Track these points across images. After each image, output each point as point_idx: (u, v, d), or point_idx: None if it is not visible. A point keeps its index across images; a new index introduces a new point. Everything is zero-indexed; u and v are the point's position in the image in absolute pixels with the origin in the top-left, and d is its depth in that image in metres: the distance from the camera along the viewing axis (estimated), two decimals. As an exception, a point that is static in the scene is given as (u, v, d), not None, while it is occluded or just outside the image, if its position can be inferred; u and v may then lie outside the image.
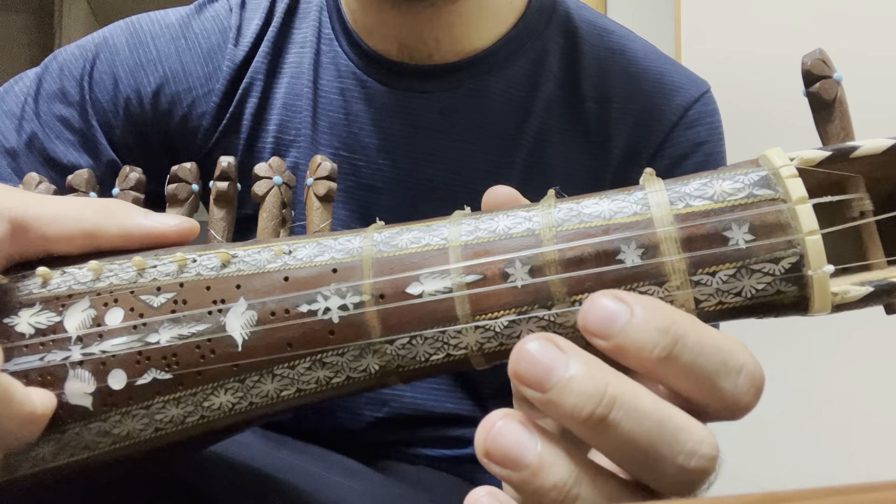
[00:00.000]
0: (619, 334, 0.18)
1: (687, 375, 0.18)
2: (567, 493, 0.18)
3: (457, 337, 0.22)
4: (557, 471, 0.18)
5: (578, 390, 0.18)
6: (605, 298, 0.19)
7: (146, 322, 0.24)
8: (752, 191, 0.20)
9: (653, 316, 0.18)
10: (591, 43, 0.51)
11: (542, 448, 0.18)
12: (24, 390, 0.22)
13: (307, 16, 0.51)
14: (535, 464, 0.18)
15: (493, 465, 0.18)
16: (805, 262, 0.20)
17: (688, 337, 0.18)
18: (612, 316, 0.19)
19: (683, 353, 0.18)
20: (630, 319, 0.18)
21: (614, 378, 0.18)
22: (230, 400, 0.23)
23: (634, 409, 0.18)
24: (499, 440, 0.18)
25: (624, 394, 0.18)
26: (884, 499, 0.15)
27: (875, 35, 0.91)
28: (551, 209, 0.22)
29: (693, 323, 0.19)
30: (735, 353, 0.19)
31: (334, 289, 0.23)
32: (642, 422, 0.17)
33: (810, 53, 0.22)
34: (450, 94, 0.49)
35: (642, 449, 0.18)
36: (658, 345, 0.18)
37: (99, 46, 0.49)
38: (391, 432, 0.50)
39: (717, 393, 0.19)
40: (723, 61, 1.06)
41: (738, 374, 0.19)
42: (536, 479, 0.18)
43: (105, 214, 0.26)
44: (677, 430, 0.18)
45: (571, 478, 0.18)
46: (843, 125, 0.22)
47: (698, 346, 0.18)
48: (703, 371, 0.18)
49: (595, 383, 0.18)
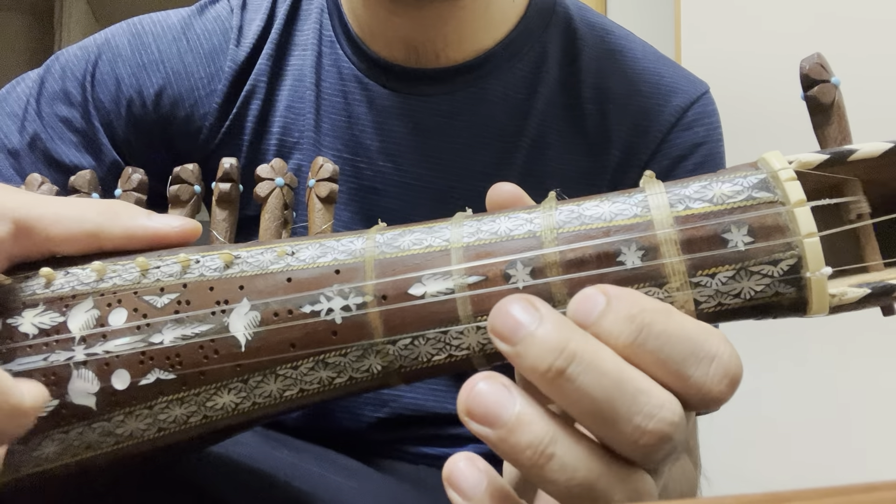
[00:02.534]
0: (595, 323, 0.19)
1: (655, 362, 0.19)
2: (542, 452, 0.18)
3: (459, 338, 0.22)
4: (533, 429, 0.19)
5: (542, 343, 0.18)
6: (588, 289, 0.20)
7: (150, 322, 0.24)
8: (751, 193, 0.20)
9: (622, 305, 0.19)
10: (591, 44, 0.51)
11: (520, 407, 0.19)
12: (11, 382, 0.22)
13: (308, 17, 0.51)
14: (512, 422, 0.19)
15: (473, 423, 0.19)
16: (803, 264, 0.20)
17: (654, 325, 0.19)
18: (591, 306, 0.19)
19: (648, 341, 0.19)
20: (605, 309, 0.19)
21: (578, 336, 0.19)
22: (233, 400, 0.23)
23: (594, 367, 0.18)
24: (479, 399, 0.19)
25: (585, 350, 0.18)
26: (884, 499, 0.15)
27: (874, 38, 0.91)
28: (552, 211, 0.22)
29: (663, 312, 0.19)
30: (707, 343, 0.19)
31: (337, 290, 0.23)
32: (601, 379, 0.18)
33: (808, 57, 0.23)
34: (450, 97, 0.49)
35: (600, 405, 0.18)
36: (624, 332, 0.19)
37: (101, 47, 0.49)
38: (391, 432, 0.50)
39: (687, 381, 0.19)
40: (722, 62, 1.06)
41: (709, 363, 0.19)
42: (513, 436, 0.18)
43: (108, 215, 0.26)
44: (637, 391, 0.18)
45: (547, 437, 0.18)
46: (840, 129, 0.22)
47: (664, 335, 0.19)
48: (669, 358, 0.19)
49: (558, 337, 0.19)
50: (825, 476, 0.92)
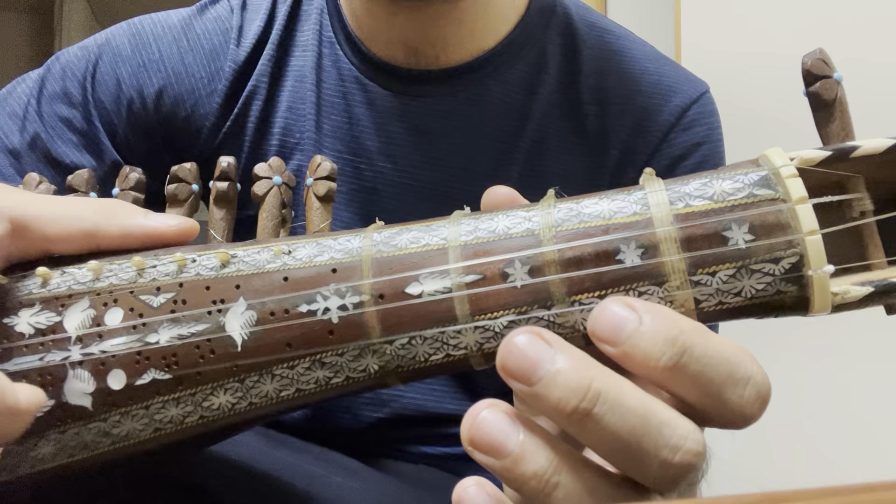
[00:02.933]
0: (627, 342, 0.19)
1: (693, 385, 0.19)
2: (547, 482, 0.18)
3: (456, 337, 0.22)
4: (538, 459, 0.18)
5: (564, 384, 0.18)
6: (614, 305, 0.19)
7: (146, 322, 0.24)
8: (752, 191, 0.20)
9: (661, 324, 0.19)
10: (590, 44, 0.51)
11: (524, 437, 0.19)
12: (7, 383, 0.22)
13: (308, 18, 0.51)
14: (516, 452, 0.18)
15: (477, 453, 0.19)
16: (805, 262, 0.20)
17: (696, 347, 0.18)
18: (621, 323, 0.19)
19: (690, 364, 0.18)
20: (638, 327, 0.19)
21: (599, 373, 0.18)
22: (229, 400, 0.23)
23: (619, 404, 0.18)
24: (483, 429, 0.19)
25: (609, 388, 0.18)
26: (884, 499, 0.15)
27: (875, 35, 0.91)
28: (551, 209, 0.22)
29: (702, 333, 0.19)
30: (742, 365, 0.19)
31: (334, 289, 0.23)
32: (626, 416, 0.18)
33: (810, 53, 0.22)
34: (450, 98, 0.49)
35: (626, 443, 0.18)
36: (665, 354, 0.18)
37: (101, 47, 0.49)
38: (391, 432, 0.50)
39: (723, 404, 0.19)
40: (723, 62, 1.06)
41: (745, 386, 0.19)
42: (518, 467, 0.18)
43: (105, 214, 0.26)
44: (661, 424, 0.18)
45: (552, 466, 0.18)
46: (843, 125, 0.22)
47: (706, 357, 0.18)
48: (709, 382, 0.18)
49: (580, 377, 0.18)
50: (825, 476, 0.92)
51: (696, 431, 0.18)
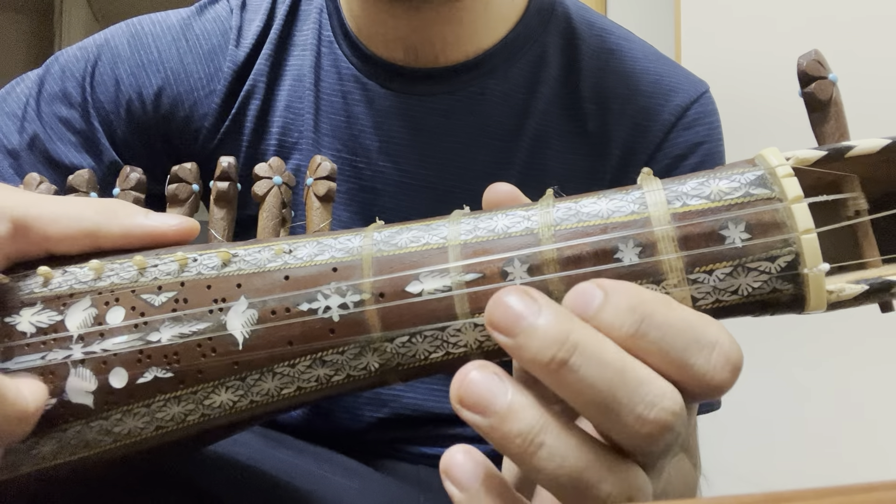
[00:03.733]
0: (594, 317, 0.19)
1: (658, 352, 0.19)
2: (532, 441, 0.19)
3: (456, 335, 0.22)
4: (524, 418, 0.19)
5: (543, 335, 0.19)
6: (584, 284, 0.20)
7: (147, 321, 0.24)
8: (749, 190, 0.20)
9: (623, 297, 0.19)
10: (590, 44, 0.51)
11: (512, 396, 0.19)
12: (16, 389, 0.22)
13: (308, 18, 0.51)
14: (503, 410, 0.19)
15: (465, 411, 0.19)
16: (801, 261, 0.20)
17: (655, 315, 0.19)
18: (589, 299, 0.20)
19: (650, 331, 0.19)
20: (603, 302, 0.19)
21: (579, 327, 0.19)
22: (231, 398, 0.23)
23: (596, 356, 0.18)
24: (472, 387, 0.19)
25: (587, 341, 0.19)
26: (884, 499, 0.15)
27: (872, 36, 0.91)
28: (550, 208, 0.22)
29: (663, 302, 0.19)
30: (706, 331, 0.19)
31: (334, 287, 0.23)
32: (603, 369, 0.18)
33: (806, 54, 0.23)
34: (450, 97, 0.49)
35: (603, 395, 0.18)
36: (626, 322, 0.19)
37: (100, 48, 0.49)
38: (391, 432, 0.50)
39: (689, 370, 0.19)
40: (722, 62, 1.06)
41: (710, 351, 0.19)
42: (504, 425, 0.19)
43: (106, 214, 0.26)
44: (639, 381, 0.19)
45: (537, 426, 0.19)
46: (838, 125, 0.22)
47: (666, 325, 0.19)
48: (672, 347, 0.19)
49: (559, 329, 0.19)
50: (825, 476, 0.92)
51: (673, 392, 0.19)
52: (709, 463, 0.63)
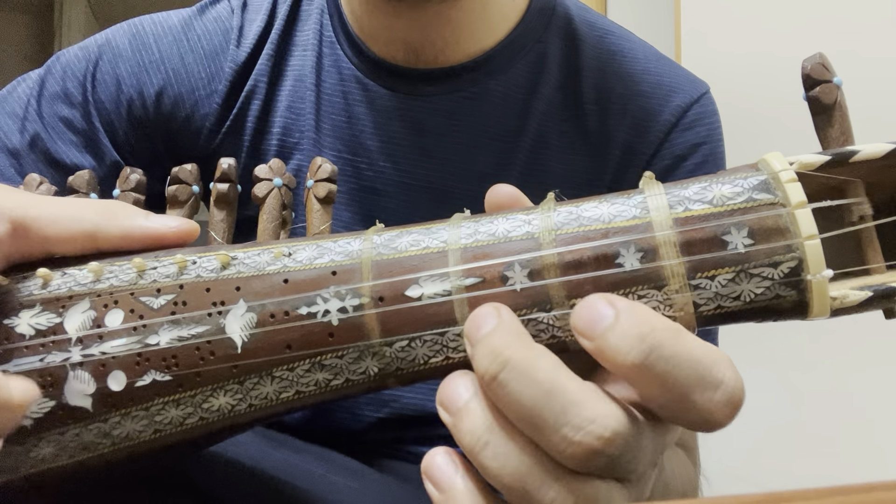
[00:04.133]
0: (601, 337, 0.19)
1: (660, 385, 0.19)
2: (478, 439, 0.20)
3: (456, 340, 0.22)
4: (474, 418, 0.20)
5: (486, 347, 0.20)
6: (596, 300, 0.20)
7: (146, 324, 0.24)
8: (752, 195, 0.20)
9: (634, 322, 0.19)
10: (591, 44, 0.51)
11: (471, 398, 0.21)
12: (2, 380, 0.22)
13: (309, 18, 0.51)
14: (461, 409, 0.21)
15: (439, 407, 0.21)
16: (804, 267, 0.20)
17: (664, 346, 0.19)
18: (598, 318, 0.19)
19: (658, 363, 0.19)
20: (612, 323, 0.19)
21: (516, 343, 0.20)
22: (229, 402, 0.23)
23: (525, 375, 0.19)
24: (444, 388, 0.21)
25: (519, 359, 0.19)
26: (884, 499, 0.15)
27: (875, 39, 0.91)
28: (551, 212, 0.22)
29: (674, 333, 0.19)
30: (714, 368, 0.19)
31: (333, 291, 0.23)
32: (530, 387, 0.19)
33: (810, 57, 0.22)
34: (451, 98, 0.49)
35: (528, 412, 0.19)
36: (633, 350, 0.19)
37: (102, 48, 0.49)
38: (392, 432, 0.50)
39: (689, 406, 0.19)
40: (723, 63, 1.06)
41: (714, 390, 0.19)
42: (459, 422, 0.21)
43: (106, 216, 0.26)
44: (568, 403, 0.19)
45: (484, 426, 0.20)
46: (842, 129, 0.22)
47: (674, 358, 0.19)
48: (676, 382, 0.19)
49: (497, 343, 0.20)
50: (825, 476, 0.92)
51: (608, 417, 0.19)
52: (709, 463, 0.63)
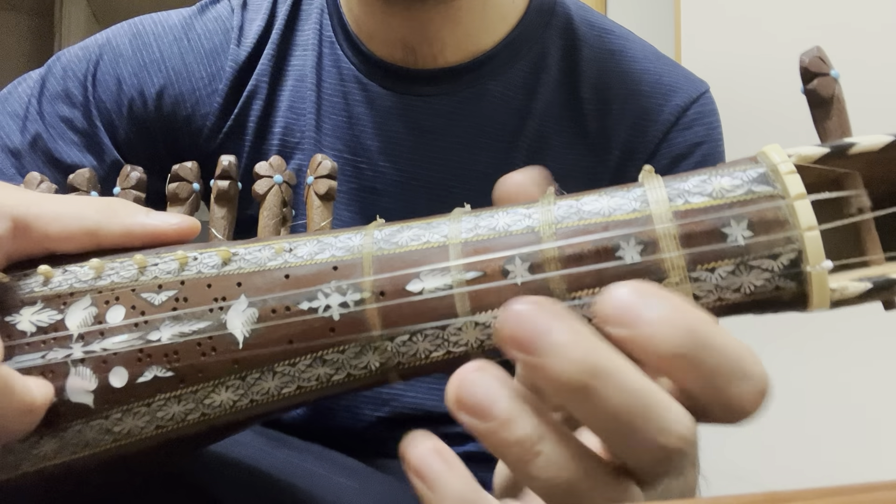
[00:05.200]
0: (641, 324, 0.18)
1: (698, 377, 0.18)
2: (529, 450, 0.18)
3: (457, 334, 0.22)
4: (523, 426, 0.18)
5: (564, 356, 0.17)
6: (624, 287, 0.19)
7: (147, 320, 0.24)
8: (751, 187, 0.20)
9: (667, 310, 0.18)
10: (591, 44, 0.51)
11: (512, 402, 0.18)
12: (23, 382, 0.22)
13: (309, 17, 0.51)
14: (503, 416, 0.18)
15: (462, 414, 0.19)
16: (804, 259, 0.20)
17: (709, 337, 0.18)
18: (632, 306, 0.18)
19: (699, 353, 0.18)
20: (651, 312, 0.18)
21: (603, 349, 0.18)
22: (231, 397, 0.23)
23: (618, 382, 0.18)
24: (471, 390, 0.18)
25: (610, 365, 0.18)
26: (884, 499, 0.15)
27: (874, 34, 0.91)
28: (551, 206, 0.22)
29: (710, 322, 0.19)
30: (746, 359, 0.19)
31: (335, 286, 0.23)
32: (623, 394, 0.18)
33: (808, 51, 0.23)
34: (451, 98, 0.49)
35: (619, 420, 0.18)
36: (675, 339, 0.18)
37: (102, 47, 0.49)
38: (392, 431, 0.50)
39: (724, 397, 0.19)
40: (722, 62, 1.06)
41: (748, 381, 0.19)
42: (503, 431, 0.18)
43: (106, 213, 0.26)
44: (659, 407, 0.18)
45: (536, 434, 0.18)
46: (840, 122, 0.22)
47: (716, 349, 0.18)
48: (715, 373, 0.18)
49: (583, 351, 0.18)
50: (825, 476, 0.92)
51: (688, 416, 0.18)
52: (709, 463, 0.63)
